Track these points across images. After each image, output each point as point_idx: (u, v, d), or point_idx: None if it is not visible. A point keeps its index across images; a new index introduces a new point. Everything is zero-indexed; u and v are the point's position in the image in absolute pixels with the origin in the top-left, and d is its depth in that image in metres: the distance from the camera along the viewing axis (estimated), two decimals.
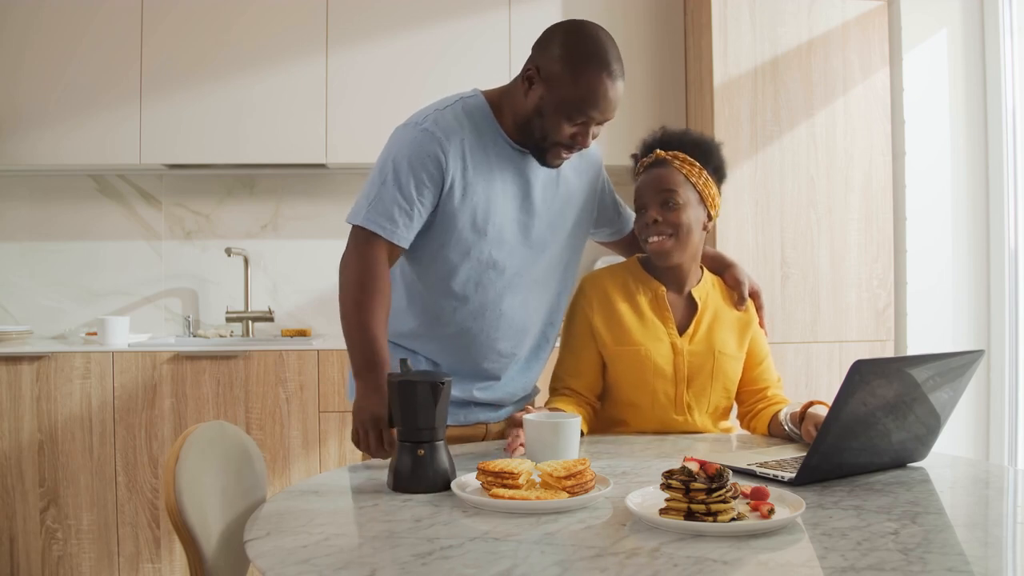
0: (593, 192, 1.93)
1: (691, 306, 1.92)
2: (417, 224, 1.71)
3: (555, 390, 1.91)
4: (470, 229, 1.73)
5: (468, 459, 1.60)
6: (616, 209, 2.05)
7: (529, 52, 1.75)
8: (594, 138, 1.73)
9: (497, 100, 1.78)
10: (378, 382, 1.57)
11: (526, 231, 1.79)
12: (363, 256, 1.68)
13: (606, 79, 1.65)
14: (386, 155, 1.73)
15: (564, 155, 1.75)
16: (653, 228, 1.84)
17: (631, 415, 1.90)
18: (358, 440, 1.56)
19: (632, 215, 2.09)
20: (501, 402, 1.88)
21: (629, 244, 2.08)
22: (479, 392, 1.83)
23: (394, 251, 1.71)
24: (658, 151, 1.88)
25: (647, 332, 1.87)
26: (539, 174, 1.80)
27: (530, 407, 1.85)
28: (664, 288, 1.90)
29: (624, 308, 1.88)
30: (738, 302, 1.93)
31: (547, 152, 1.74)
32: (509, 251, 1.78)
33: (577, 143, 1.71)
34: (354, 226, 1.71)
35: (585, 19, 1.75)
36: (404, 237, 1.70)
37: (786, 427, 1.80)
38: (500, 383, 1.86)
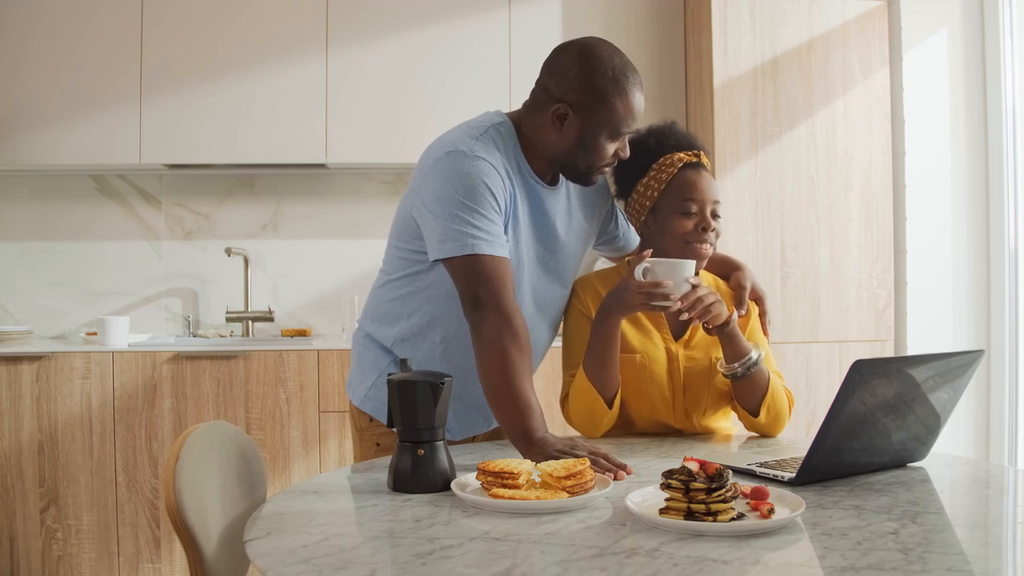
0: (598, 217, 1.94)
1: None
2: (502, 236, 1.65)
3: (569, 383, 1.86)
4: (514, 261, 1.72)
5: (468, 459, 1.60)
6: (626, 228, 2.04)
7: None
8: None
9: (519, 126, 1.75)
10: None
11: (545, 264, 1.80)
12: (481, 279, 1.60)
13: (637, 92, 1.68)
14: (443, 189, 1.64)
15: (606, 171, 1.76)
16: (705, 235, 1.80)
17: (631, 422, 1.89)
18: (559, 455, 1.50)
19: (636, 237, 2.01)
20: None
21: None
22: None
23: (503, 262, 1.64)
24: (702, 154, 1.86)
25: (644, 339, 1.85)
26: (557, 208, 1.80)
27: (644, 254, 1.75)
28: None
29: None
30: (737, 306, 1.88)
31: (591, 175, 1.74)
32: (533, 282, 1.79)
33: (619, 157, 1.73)
34: (448, 261, 1.63)
35: (586, 37, 1.74)
36: (502, 246, 1.64)
37: (720, 370, 1.80)
38: None
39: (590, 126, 1.67)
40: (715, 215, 1.82)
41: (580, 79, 1.66)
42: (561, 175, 1.79)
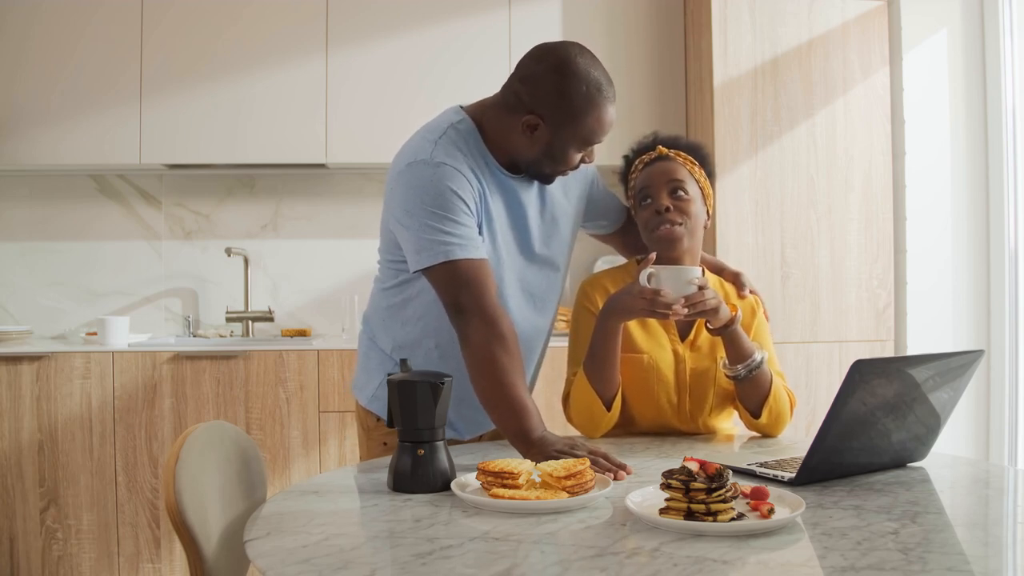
0: (580, 199, 1.92)
1: None
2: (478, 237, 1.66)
3: (572, 382, 1.86)
4: (493, 259, 1.72)
5: (468, 459, 1.61)
6: (610, 201, 2.02)
7: (528, 58, 1.72)
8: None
9: (481, 121, 1.75)
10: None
11: (531, 254, 1.80)
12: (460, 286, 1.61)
13: (610, 107, 1.68)
14: (410, 200, 1.65)
15: (569, 174, 1.78)
16: (664, 216, 1.80)
17: (633, 421, 1.90)
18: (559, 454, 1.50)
19: (622, 215, 2.04)
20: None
21: (624, 238, 2.06)
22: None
23: (482, 265, 1.64)
24: (660, 148, 1.87)
25: (650, 339, 1.85)
26: (530, 198, 1.80)
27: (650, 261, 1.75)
28: None
29: None
30: (739, 289, 1.90)
31: (553, 178, 1.77)
32: (520, 274, 1.79)
33: (585, 163, 1.75)
34: (427, 271, 1.64)
35: (563, 43, 1.71)
36: (478, 248, 1.65)
37: (724, 372, 1.81)
38: None
39: (560, 139, 1.68)
40: (675, 193, 1.82)
41: (555, 94, 1.64)
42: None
